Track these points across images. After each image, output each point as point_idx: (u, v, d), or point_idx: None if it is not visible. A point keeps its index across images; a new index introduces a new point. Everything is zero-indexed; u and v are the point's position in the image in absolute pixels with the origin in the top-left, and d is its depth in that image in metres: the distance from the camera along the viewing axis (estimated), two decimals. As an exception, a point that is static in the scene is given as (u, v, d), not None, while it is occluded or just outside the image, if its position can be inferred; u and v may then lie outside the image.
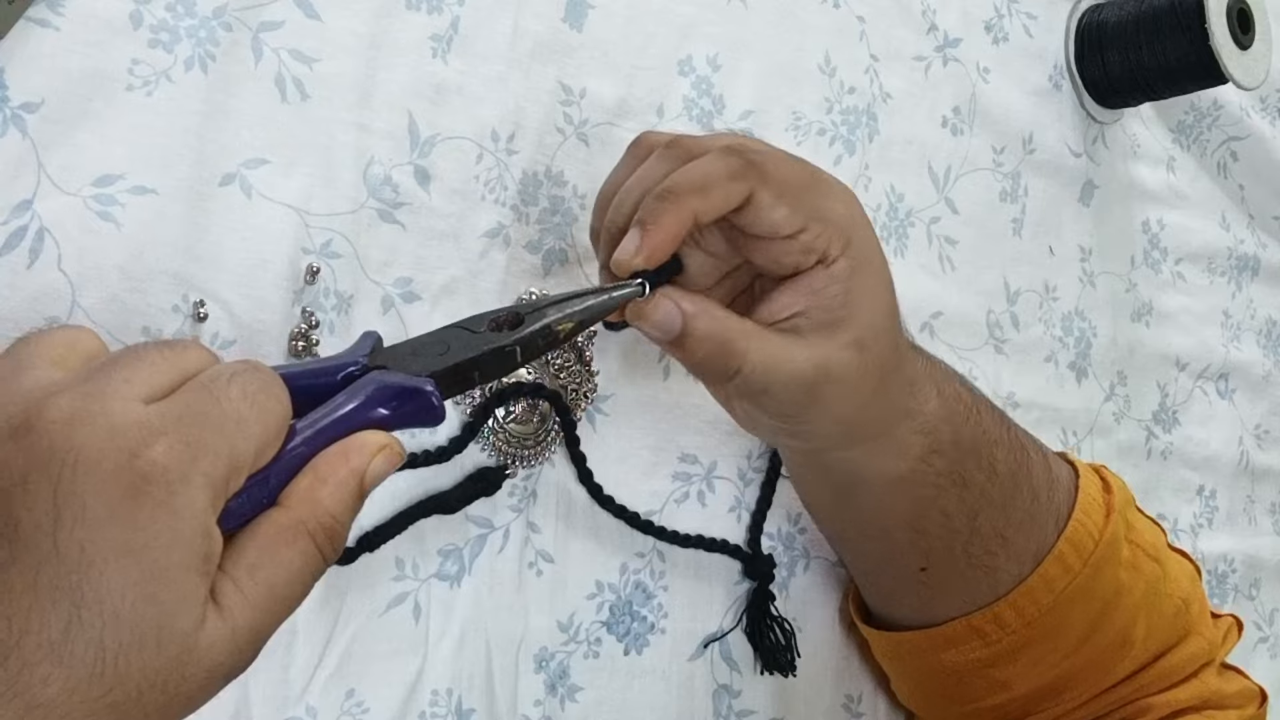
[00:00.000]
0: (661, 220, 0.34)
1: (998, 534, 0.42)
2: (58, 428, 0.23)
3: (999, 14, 0.60)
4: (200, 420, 0.24)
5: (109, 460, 0.23)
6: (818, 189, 0.36)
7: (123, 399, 0.24)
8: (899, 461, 0.40)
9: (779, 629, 0.48)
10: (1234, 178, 0.73)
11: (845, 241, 0.35)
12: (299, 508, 0.26)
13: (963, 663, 0.45)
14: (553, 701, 0.43)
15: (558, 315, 0.32)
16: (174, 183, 0.35)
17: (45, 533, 0.23)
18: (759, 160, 0.35)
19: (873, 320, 0.36)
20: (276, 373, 0.27)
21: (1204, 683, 0.45)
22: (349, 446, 0.27)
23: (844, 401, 0.36)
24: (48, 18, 0.33)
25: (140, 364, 0.25)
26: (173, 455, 0.24)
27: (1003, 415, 0.43)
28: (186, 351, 0.26)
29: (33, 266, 0.33)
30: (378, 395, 0.28)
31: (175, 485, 0.24)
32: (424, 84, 0.41)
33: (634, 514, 0.45)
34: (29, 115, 0.33)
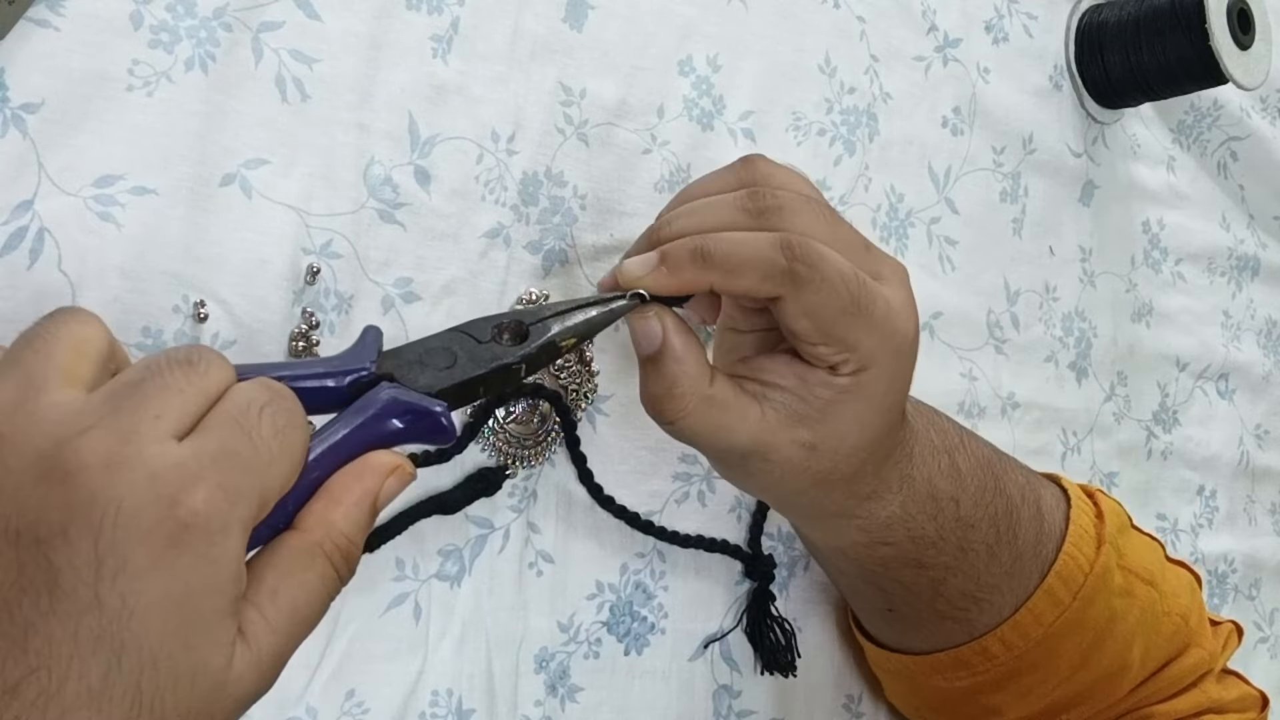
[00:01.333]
0: (678, 273, 0.34)
1: (967, 595, 0.42)
2: (96, 475, 0.23)
3: (999, 14, 0.60)
4: (235, 462, 0.25)
5: (150, 510, 0.23)
6: (854, 319, 0.34)
7: (157, 440, 0.24)
8: (834, 539, 0.40)
9: (779, 629, 0.48)
10: (1234, 178, 0.73)
11: (858, 368, 0.35)
12: (315, 530, 0.27)
13: (950, 688, 0.45)
14: (553, 702, 0.43)
15: (560, 329, 0.32)
16: (174, 183, 0.35)
17: (87, 584, 0.23)
18: (802, 273, 0.33)
19: (842, 437, 0.35)
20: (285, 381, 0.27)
21: (1204, 692, 0.45)
22: (362, 468, 0.28)
23: (775, 482, 0.36)
24: (48, 18, 0.33)
25: (168, 394, 0.25)
26: (212, 503, 0.24)
27: (998, 480, 0.42)
28: (209, 371, 0.26)
29: (33, 267, 0.33)
30: (389, 414, 0.28)
31: (215, 535, 0.24)
32: (424, 84, 0.41)
33: (634, 514, 0.45)
34: (29, 116, 0.33)
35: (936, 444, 0.40)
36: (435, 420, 0.28)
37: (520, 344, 0.31)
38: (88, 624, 0.23)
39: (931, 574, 0.40)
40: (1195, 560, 0.68)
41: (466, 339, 0.31)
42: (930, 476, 0.39)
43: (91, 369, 0.26)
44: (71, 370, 0.25)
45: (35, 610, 0.23)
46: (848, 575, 0.43)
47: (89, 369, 0.26)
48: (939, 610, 0.42)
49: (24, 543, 0.23)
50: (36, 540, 0.23)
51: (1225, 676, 0.47)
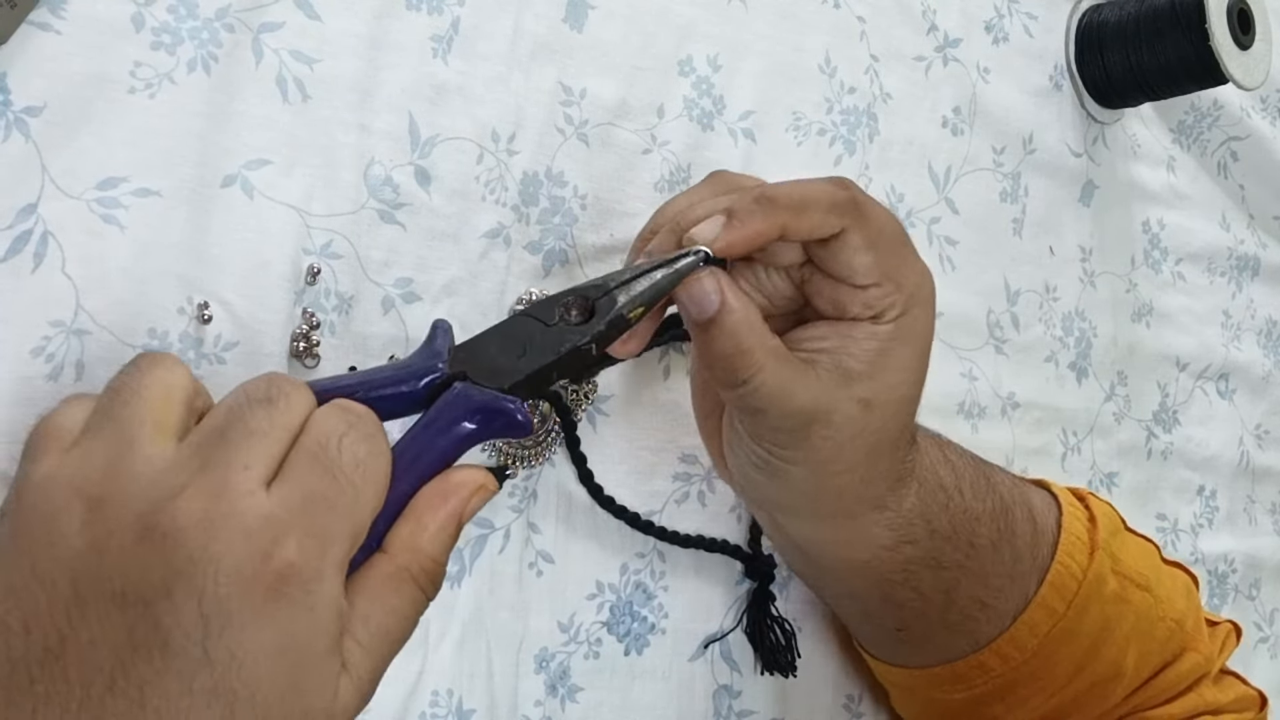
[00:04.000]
0: (750, 221, 0.33)
1: (976, 601, 0.42)
2: (193, 535, 0.24)
3: (999, 14, 0.60)
4: (322, 505, 0.25)
5: (247, 566, 0.24)
6: (904, 252, 0.35)
7: (248, 493, 0.25)
8: (863, 551, 0.39)
9: (779, 629, 0.48)
10: (1234, 178, 0.73)
11: (904, 309, 0.35)
12: (402, 555, 0.27)
13: (949, 700, 0.45)
14: (553, 702, 0.43)
15: (627, 300, 0.31)
16: (177, 184, 0.35)
17: (195, 642, 0.24)
18: (863, 200, 0.34)
19: (893, 389, 0.35)
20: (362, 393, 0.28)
21: (1199, 695, 0.45)
22: (447, 488, 0.28)
23: (834, 454, 0.35)
24: (49, 21, 0.33)
25: (253, 442, 0.26)
26: (305, 552, 0.25)
27: (988, 478, 0.42)
28: (289, 406, 0.27)
29: (37, 270, 0.33)
30: (465, 417, 0.29)
31: (311, 583, 0.25)
32: (424, 84, 0.41)
33: (634, 514, 0.45)
34: (32, 119, 0.33)
35: (927, 435, 0.41)
36: (510, 417, 0.29)
37: (587, 321, 0.31)
38: (201, 680, 0.24)
39: (947, 576, 0.40)
40: (1195, 560, 0.68)
41: (534, 323, 0.31)
42: (934, 466, 0.40)
43: (179, 414, 0.27)
44: (160, 420, 0.26)
45: (150, 669, 0.23)
46: (860, 597, 0.43)
47: (176, 415, 0.27)
48: (949, 622, 0.42)
49: (130, 604, 0.24)
50: (144, 602, 0.24)
51: (1223, 678, 0.47)
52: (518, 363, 0.30)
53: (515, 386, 0.29)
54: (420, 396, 0.29)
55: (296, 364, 0.37)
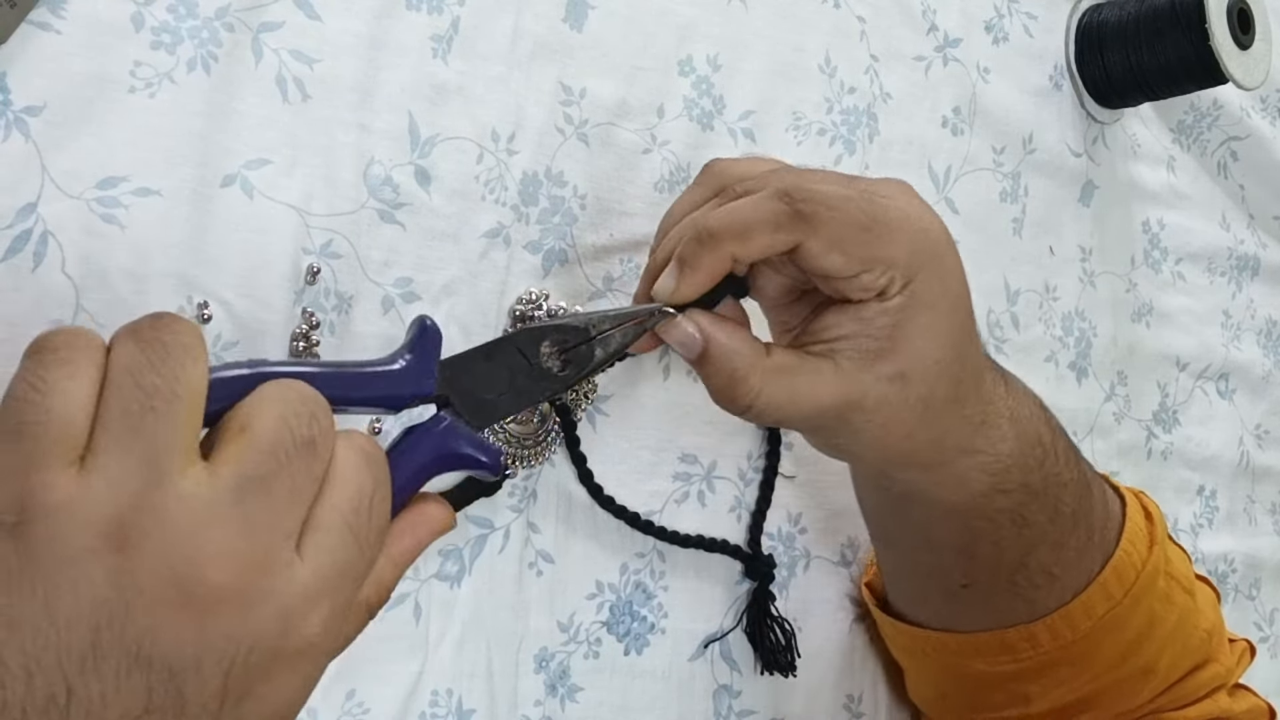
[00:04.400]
0: (698, 262, 0.34)
1: (1046, 570, 0.42)
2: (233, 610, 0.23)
3: (999, 14, 0.60)
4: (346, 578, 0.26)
5: (276, 642, 0.24)
6: (876, 232, 0.34)
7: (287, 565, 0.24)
8: (956, 492, 0.39)
9: (779, 629, 0.48)
10: (1234, 178, 0.73)
11: (907, 279, 0.34)
12: (368, 588, 0.27)
13: (987, 672, 0.45)
14: (553, 702, 0.43)
15: (602, 354, 0.34)
16: (177, 184, 0.35)
17: (209, 713, 0.24)
18: (809, 210, 0.33)
19: (923, 355, 0.35)
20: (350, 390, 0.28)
21: (1215, 702, 0.45)
22: (418, 523, 0.29)
23: (883, 431, 0.35)
24: (49, 21, 0.33)
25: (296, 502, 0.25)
26: (327, 629, 0.25)
27: (1074, 450, 0.42)
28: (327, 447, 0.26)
29: (37, 270, 0.33)
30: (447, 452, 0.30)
31: (322, 658, 0.25)
32: (424, 84, 0.41)
33: (634, 514, 0.45)
34: (32, 119, 0.33)
35: (1027, 394, 0.41)
36: (487, 466, 0.30)
37: (564, 369, 0.33)
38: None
39: (1028, 535, 0.40)
40: (1195, 560, 0.68)
41: (519, 357, 0.32)
42: (1033, 419, 0.40)
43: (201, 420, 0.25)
44: (190, 439, 0.24)
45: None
46: (939, 548, 0.42)
47: (200, 423, 0.25)
48: (1016, 584, 0.42)
49: (155, 670, 0.23)
50: (170, 670, 0.23)
51: (1236, 690, 0.48)
52: (498, 400, 0.31)
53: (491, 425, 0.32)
54: (403, 404, 0.30)
55: (296, 364, 0.37)
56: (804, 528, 0.51)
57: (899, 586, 0.48)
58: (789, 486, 0.50)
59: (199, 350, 0.25)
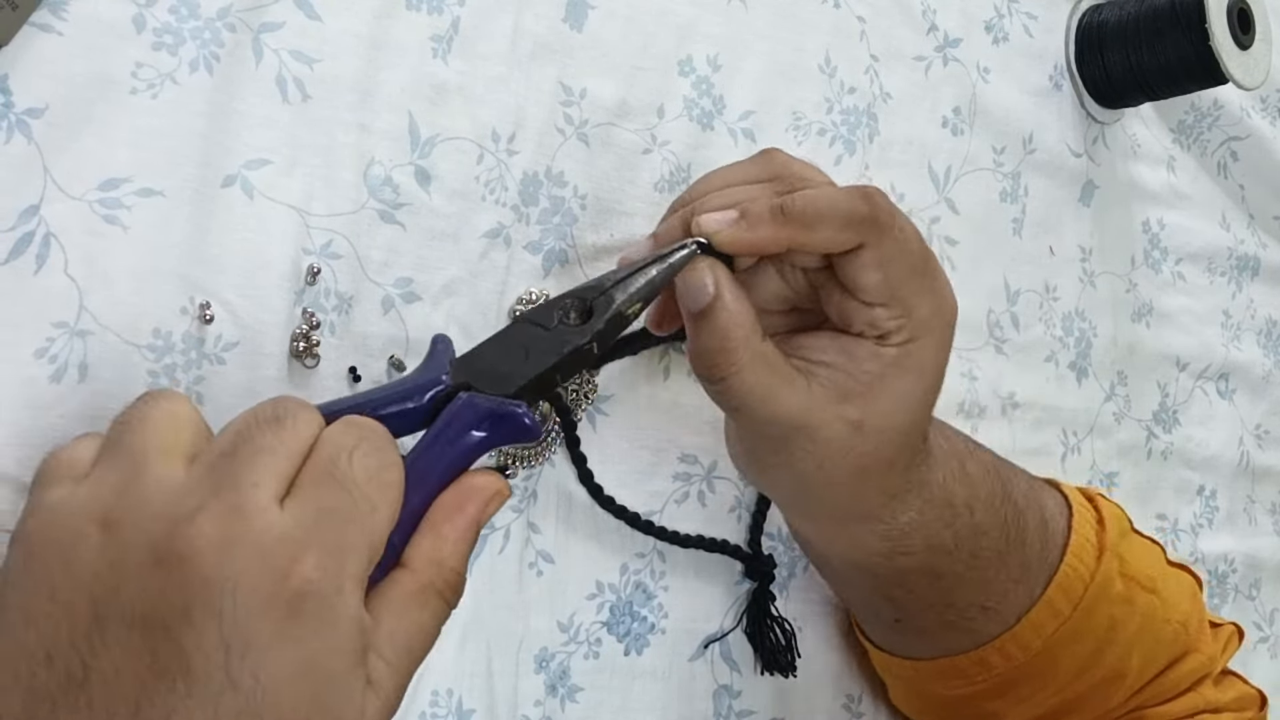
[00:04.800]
0: (758, 228, 0.33)
1: (975, 605, 0.42)
2: (208, 557, 0.24)
3: (999, 14, 0.60)
4: (337, 520, 0.25)
5: (265, 585, 0.24)
6: (922, 281, 0.34)
7: (260, 510, 0.25)
8: (853, 552, 0.39)
9: (779, 629, 0.49)
10: (1234, 178, 0.73)
11: (912, 337, 0.34)
12: (425, 570, 0.27)
13: (950, 695, 0.45)
14: (553, 702, 0.43)
15: (624, 298, 0.31)
16: (180, 184, 0.35)
17: (218, 665, 0.23)
18: (885, 220, 0.33)
19: (889, 414, 0.34)
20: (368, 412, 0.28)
21: (1200, 694, 0.45)
22: (463, 497, 0.28)
23: (814, 468, 0.35)
24: (51, 23, 0.33)
25: (261, 458, 0.25)
26: (323, 569, 0.25)
27: (1006, 487, 0.42)
28: (297, 425, 0.26)
29: (39, 272, 0.33)
30: (472, 425, 0.29)
31: (330, 597, 0.25)
32: (424, 84, 0.41)
33: (634, 514, 0.45)
34: (34, 121, 0.33)
35: (946, 449, 0.40)
36: (518, 421, 0.29)
37: (586, 322, 0.31)
38: (226, 703, 0.23)
39: (944, 584, 0.40)
40: (1195, 560, 0.68)
41: (534, 328, 0.31)
42: (945, 481, 0.39)
43: (186, 438, 0.27)
44: (168, 444, 0.26)
45: (174, 696, 0.23)
46: (857, 588, 0.43)
47: (184, 438, 0.27)
48: (948, 620, 0.42)
49: (151, 629, 0.24)
50: (164, 626, 0.24)
51: (1223, 678, 0.47)
52: (520, 367, 0.30)
53: (520, 391, 0.30)
54: (425, 411, 0.29)
55: (296, 364, 0.38)
56: (804, 527, 0.51)
57: (854, 616, 0.49)
58: (789, 486, 0.50)
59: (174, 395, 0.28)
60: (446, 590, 0.27)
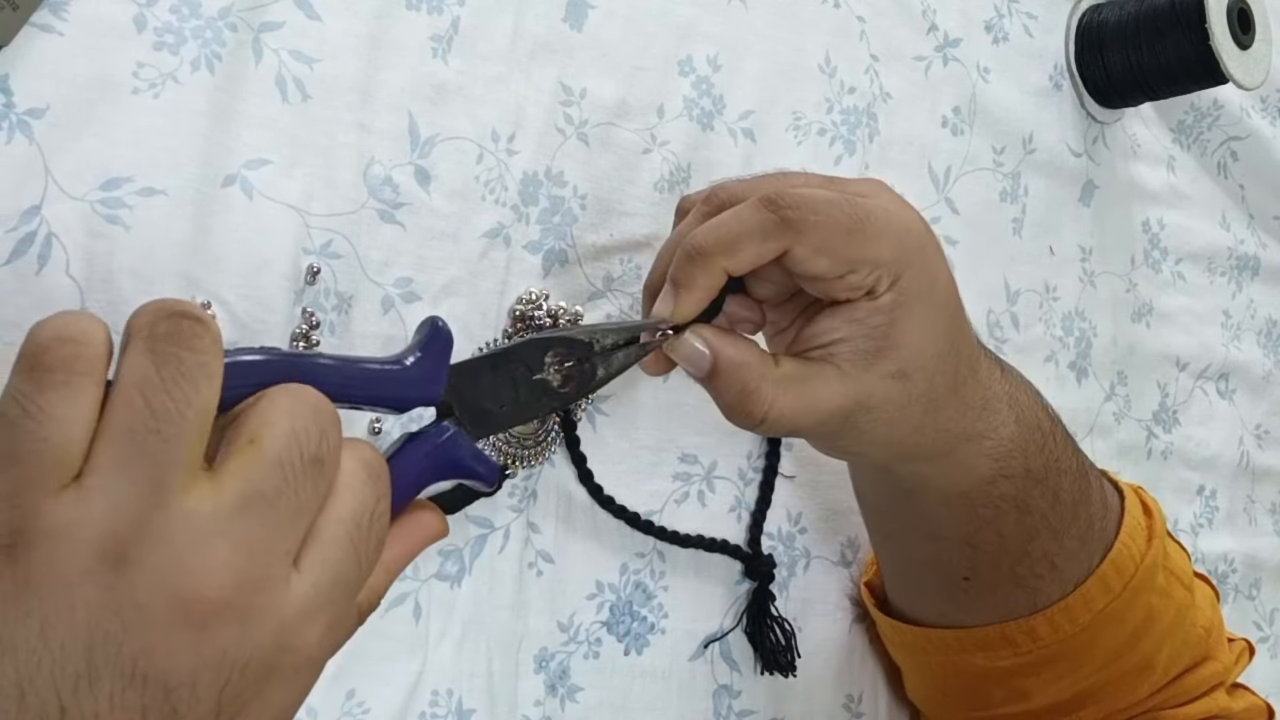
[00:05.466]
0: (692, 281, 0.34)
1: (1048, 559, 0.42)
2: (230, 628, 0.23)
3: (999, 14, 0.60)
4: (345, 591, 0.25)
5: (272, 657, 0.24)
6: (863, 233, 0.34)
7: (285, 581, 0.24)
8: (962, 480, 0.39)
9: (779, 629, 0.49)
10: (1234, 178, 0.73)
11: (894, 276, 0.35)
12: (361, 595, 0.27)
13: (987, 667, 0.45)
14: (553, 702, 0.43)
15: (604, 374, 0.34)
16: (181, 184, 0.35)
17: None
18: (794, 216, 0.34)
19: (920, 349, 0.35)
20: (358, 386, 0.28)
21: (1214, 700, 0.46)
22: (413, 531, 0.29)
23: (888, 428, 0.36)
24: (52, 23, 0.33)
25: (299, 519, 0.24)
26: (323, 644, 0.25)
27: (1071, 439, 0.43)
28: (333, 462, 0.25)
29: (41, 272, 0.33)
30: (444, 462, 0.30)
31: (317, 668, 0.25)
32: (424, 84, 0.41)
33: (634, 514, 0.45)
34: (35, 121, 0.33)
35: (1024, 382, 0.41)
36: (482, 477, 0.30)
37: (565, 385, 0.33)
38: None
39: (1030, 523, 0.40)
40: (1195, 560, 0.68)
41: (522, 368, 0.32)
42: (1031, 405, 0.40)
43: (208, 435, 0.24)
44: (195, 455, 0.24)
45: None
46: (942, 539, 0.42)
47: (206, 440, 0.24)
48: (1018, 575, 0.42)
49: (150, 688, 0.23)
50: (165, 689, 0.23)
51: (1234, 689, 0.48)
52: (499, 412, 0.32)
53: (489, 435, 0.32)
54: (407, 406, 0.30)
55: (297, 364, 0.38)
56: (804, 528, 0.51)
57: (900, 584, 0.48)
58: (789, 486, 0.50)
59: (215, 367, 0.24)
60: (367, 611, 0.28)
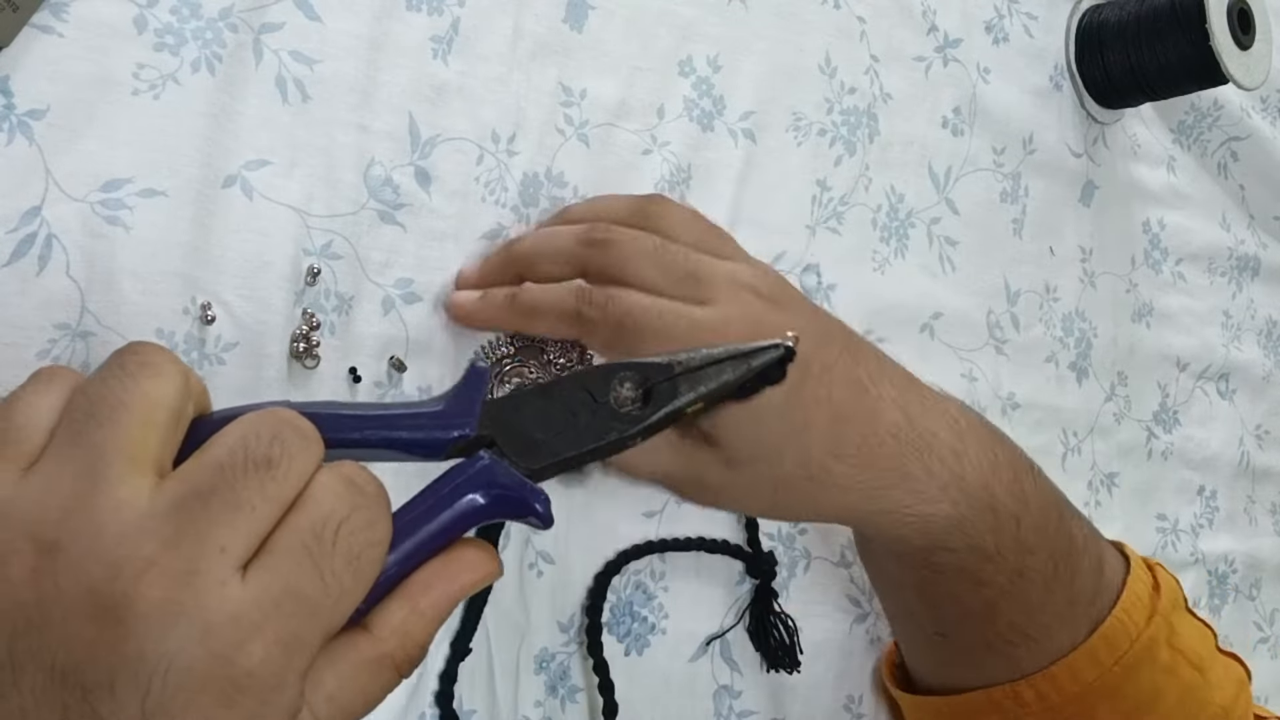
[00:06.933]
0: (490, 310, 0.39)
1: (1018, 629, 0.41)
2: (149, 625, 0.21)
3: (999, 14, 0.60)
4: (300, 607, 0.22)
5: (201, 667, 0.21)
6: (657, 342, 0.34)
7: (219, 583, 0.22)
8: (894, 544, 0.40)
9: (782, 626, 0.49)
10: (1234, 178, 0.73)
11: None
12: (390, 640, 0.25)
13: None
14: (553, 702, 0.43)
15: (691, 395, 0.28)
16: (182, 185, 0.35)
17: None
18: (590, 314, 0.36)
19: (753, 442, 0.36)
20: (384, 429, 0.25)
21: None
22: (453, 572, 0.25)
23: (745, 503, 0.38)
24: (52, 24, 0.33)
25: (238, 517, 0.22)
26: (269, 661, 0.22)
27: (1063, 520, 0.42)
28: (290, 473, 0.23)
29: (41, 274, 0.33)
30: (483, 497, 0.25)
31: (268, 693, 0.22)
32: (424, 85, 0.41)
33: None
34: (35, 122, 0.33)
35: (1001, 458, 0.40)
36: (530, 509, 0.26)
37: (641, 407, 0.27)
38: None
39: (987, 594, 0.40)
40: (1195, 560, 0.68)
41: (583, 393, 0.27)
42: (989, 485, 0.39)
43: (160, 440, 0.23)
44: (137, 451, 0.23)
45: None
46: (903, 588, 0.43)
47: (157, 441, 0.23)
48: (989, 640, 0.42)
49: (70, 686, 0.21)
50: (83, 688, 0.21)
51: None
52: (553, 440, 0.26)
53: (545, 468, 0.26)
54: (439, 448, 0.26)
55: (296, 365, 0.38)
56: (804, 528, 0.51)
57: (897, 633, 0.48)
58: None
59: (161, 367, 0.24)
60: (405, 664, 0.25)
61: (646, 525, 0.46)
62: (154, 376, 0.24)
